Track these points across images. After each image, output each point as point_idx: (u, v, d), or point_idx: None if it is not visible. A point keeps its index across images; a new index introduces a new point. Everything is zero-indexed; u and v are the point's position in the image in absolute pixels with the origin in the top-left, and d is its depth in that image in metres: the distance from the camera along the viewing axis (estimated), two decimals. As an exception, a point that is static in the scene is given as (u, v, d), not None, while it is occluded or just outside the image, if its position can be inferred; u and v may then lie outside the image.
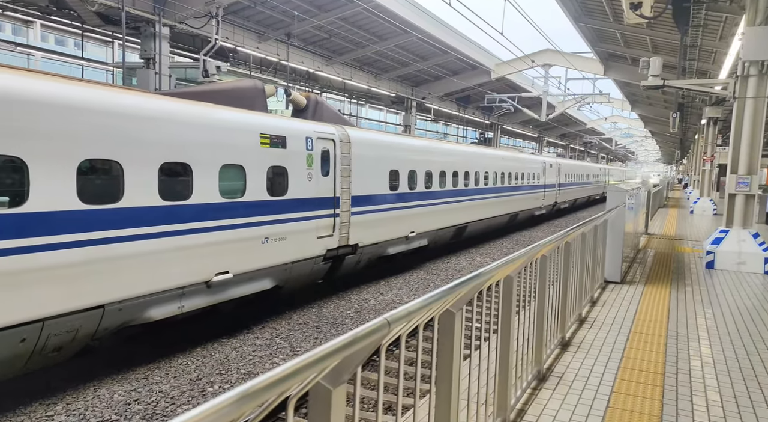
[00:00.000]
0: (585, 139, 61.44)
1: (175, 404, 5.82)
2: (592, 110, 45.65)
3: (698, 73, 17.97)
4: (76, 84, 5.83)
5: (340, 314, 9.21)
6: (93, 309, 5.82)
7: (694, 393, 4.01)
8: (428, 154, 13.38)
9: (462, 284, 2.33)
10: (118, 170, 6.04)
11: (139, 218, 6.22)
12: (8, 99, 5.06)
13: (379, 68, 26.08)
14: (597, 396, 3.92)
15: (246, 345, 7.63)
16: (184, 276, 6.84)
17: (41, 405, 5.74)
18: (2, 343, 5.06)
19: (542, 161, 24.07)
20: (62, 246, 5.45)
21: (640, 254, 10.60)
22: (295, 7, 17.80)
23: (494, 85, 30.21)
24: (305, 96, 10.51)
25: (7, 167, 5.10)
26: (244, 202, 7.72)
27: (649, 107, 33.48)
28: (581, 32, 18.28)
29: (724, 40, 13.94)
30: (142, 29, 15.11)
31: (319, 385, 1.53)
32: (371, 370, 6.87)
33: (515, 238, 19.58)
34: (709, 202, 21.38)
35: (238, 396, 1.09)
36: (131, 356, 7.12)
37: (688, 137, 39.69)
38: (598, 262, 6.74)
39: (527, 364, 3.84)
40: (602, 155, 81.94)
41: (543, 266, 3.94)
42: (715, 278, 8.43)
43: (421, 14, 20.63)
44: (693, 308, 6.52)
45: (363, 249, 10.71)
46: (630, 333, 5.44)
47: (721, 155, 23.38)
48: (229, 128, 7.51)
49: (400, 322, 1.77)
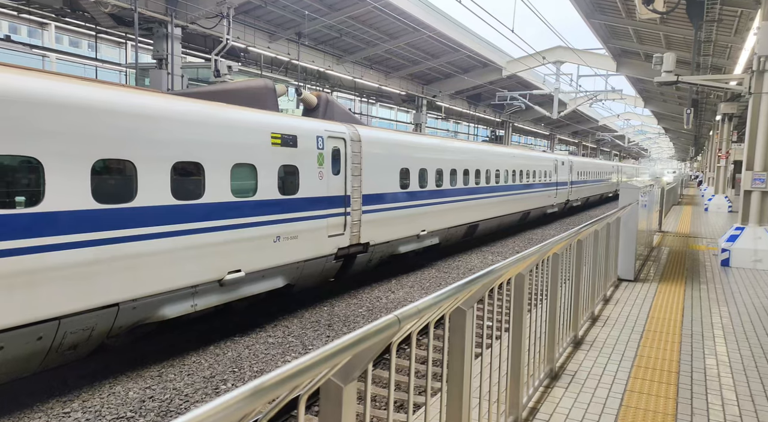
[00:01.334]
0: (597, 136, 60.92)
1: (189, 401, 5.87)
2: (605, 107, 45.20)
3: (713, 69, 17.73)
4: (89, 85, 5.89)
5: (351, 313, 9.23)
6: (108, 307, 5.89)
7: (709, 392, 3.97)
8: (439, 152, 13.35)
9: (473, 281, 2.33)
10: (131, 170, 6.10)
11: (152, 217, 6.28)
12: (23, 100, 5.13)
13: (389, 67, 26.06)
14: (610, 394, 3.89)
15: (258, 343, 7.67)
16: (197, 275, 6.90)
17: (58, 402, 5.82)
18: (20, 341, 5.14)
19: (554, 159, 23.91)
20: (77, 245, 5.52)
21: (653, 252, 10.50)
22: (305, 6, 17.83)
23: (505, 82, 30.05)
24: (316, 95, 10.54)
25: (23, 168, 5.17)
26: (256, 201, 7.76)
27: (662, 103, 33.10)
28: (593, 29, 18.12)
29: (739, 34, 13.74)
30: (154, 30, 15.24)
31: (330, 382, 1.54)
32: (382, 368, 6.88)
33: (527, 236, 19.48)
34: (724, 199, 21.11)
35: (250, 391, 1.10)
36: (145, 354, 7.19)
37: (703, 134, 39.20)
38: (611, 260, 6.68)
39: (539, 362, 3.82)
40: (615, 152, 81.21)
41: (555, 264, 3.92)
42: (731, 276, 8.33)
43: (431, 12, 20.57)
44: (708, 307, 6.45)
45: (374, 248, 10.72)
46: (644, 331, 5.39)
47: (736, 152, 23.07)
48: (240, 127, 7.55)
49: (410, 319, 1.77)
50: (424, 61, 25.53)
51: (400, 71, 26.72)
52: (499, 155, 17.39)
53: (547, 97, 32.99)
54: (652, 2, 8.84)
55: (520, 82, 30.99)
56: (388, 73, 26.58)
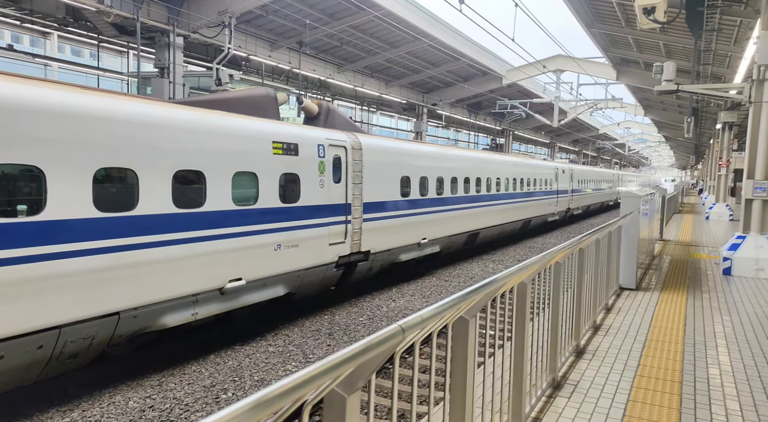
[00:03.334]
0: (598, 144, 61.02)
1: (189, 411, 5.84)
2: (605, 116, 45.33)
3: (713, 78, 17.80)
4: (91, 94, 5.92)
5: (352, 321, 9.20)
6: (108, 316, 5.87)
7: (713, 402, 3.95)
8: (440, 160, 13.37)
9: (476, 290, 2.32)
10: (132, 178, 6.11)
11: (153, 225, 6.28)
12: (25, 109, 5.14)
13: (390, 75, 26.17)
14: (613, 404, 3.87)
15: (259, 351, 7.64)
16: (198, 283, 6.89)
17: (58, 412, 5.79)
18: (20, 350, 5.12)
19: (555, 167, 23.94)
20: (78, 254, 5.51)
21: (655, 261, 10.48)
22: (306, 15, 17.94)
23: (505, 91, 30.15)
24: (317, 104, 10.57)
25: (25, 176, 5.18)
26: (257, 209, 7.76)
27: (662, 111, 33.20)
28: (593, 38, 18.21)
29: (739, 44, 13.81)
30: (156, 39, 15.34)
31: (334, 392, 1.53)
32: (384, 377, 6.85)
33: (528, 244, 19.46)
34: (725, 207, 21.10)
35: (253, 403, 1.10)
36: (146, 363, 7.16)
37: (703, 142, 39.26)
38: (612, 269, 6.67)
39: (542, 372, 3.81)
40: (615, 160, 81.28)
41: (557, 273, 3.91)
42: (733, 285, 8.30)
43: (432, 21, 20.68)
44: (710, 316, 6.42)
45: (375, 256, 10.70)
46: (646, 341, 5.37)
47: (737, 160, 23.09)
48: (242, 135, 7.57)
49: (414, 329, 1.77)
50: (425, 70, 25.64)
51: (400, 80, 26.83)
52: (499, 163, 17.41)
53: (547, 106, 33.08)
54: (653, 12, 8.89)
55: (520, 91, 31.09)
56: (389, 81, 26.69)
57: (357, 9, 17.92)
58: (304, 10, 17.68)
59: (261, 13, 17.28)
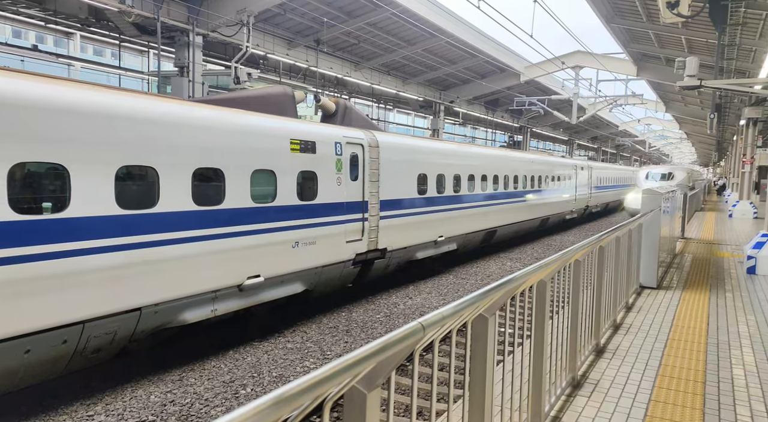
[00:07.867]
0: (617, 141, 60.18)
1: (209, 406, 5.92)
2: (625, 112, 44.62)
3: (737, 73, 17.42)
4: (113, 93, 6.01)
5: (369, 319, 9.22)
6: (130, 312, 5.97)
7: (737, 403, 3.88)
8: (457, 158, 13.31)
9: (495, 288, 2.31)
10: (153, 176, 6.19)
11: (173, 222, 6.36)
12: (49, 108, 5.24)
13: (407, 73, 26.11)
14: (634, 404, 3.82)
15: (277, 348, 7.70)
16: (217, 280, 6.96)
17: (82, 405, 5.90)
18: (46, 344, 5.24)
19: (573, 164, 23.69)
20: (101, 250, 5.61)
21: (676, 259, 10.31)
22: (324, 13, 17.98)
23: (523, 87, 29.88)
24: (334, 101, 10.59)
25: (50, 174, 5.28)
26: (275, 207, 7.81)
27: (684, 107, 32.60)
28: (613, 33, 17.94)
29: (764, 38, 13.49)
30: (176, 39, 15.50)
31: (354, 389, 1.54)
32: (403, 375, 6.86)
33: (546, 242, 19.29)
34: (749, 205, 20.68)
35: (275, 399, 1.11)
36: (166, 358, 7.27)
37: (726, 139, 38.48)
38: (633, 267, 6.58)
39: (561, 370, 3.78)
40: (635, 157, 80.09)
41: (577, 271, 3.87)
42: (757, 284, 8.14)
43: (449, 18, 20.58)
44: (734, 315, 6.31)
45: (392, 253, 10.71)
46: (667, 340, 5.29)
47: (761, 157, 22.61)
48: (260, 133, 7.62)
49: (434, 327, 1.77)
50: (442, 67, 25.53)
51: (417, 77, 26.75)
52: (517, 160, 17.28)
53: (565, 102, 32.72)
54: (676, 6, 8.72)
55: (538, 87, 30.79)
56: (406, 79, 26.63)
57: (374, 6, 17.90)
58: (322, 8, 17.71)
59: (279, 11, 17.35)
